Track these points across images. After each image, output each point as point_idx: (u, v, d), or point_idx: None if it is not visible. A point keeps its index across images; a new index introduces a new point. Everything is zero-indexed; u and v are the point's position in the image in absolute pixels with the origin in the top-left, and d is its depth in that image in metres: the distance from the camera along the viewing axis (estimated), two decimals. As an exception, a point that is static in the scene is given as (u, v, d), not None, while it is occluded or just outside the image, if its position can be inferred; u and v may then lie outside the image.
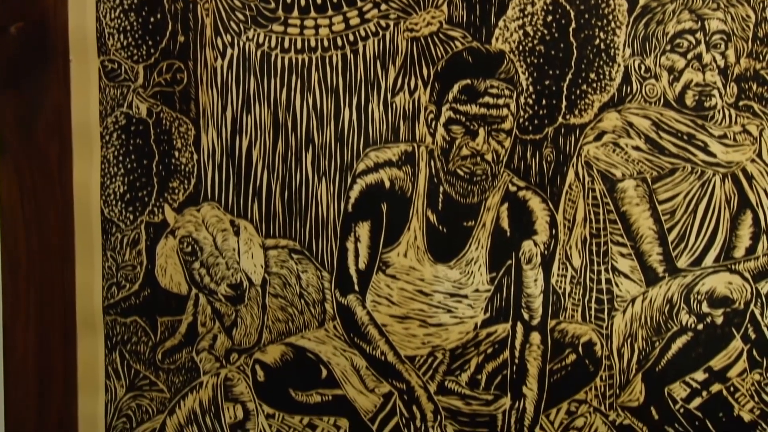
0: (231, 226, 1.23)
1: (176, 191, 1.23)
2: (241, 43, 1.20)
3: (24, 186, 1.23)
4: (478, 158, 1.14)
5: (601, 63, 1.12)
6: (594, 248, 1.15)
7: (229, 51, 1.20)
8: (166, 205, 1.24)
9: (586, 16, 1.11)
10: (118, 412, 1.28)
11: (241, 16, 1.19)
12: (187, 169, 1.22)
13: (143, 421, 1.27)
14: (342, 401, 1.22)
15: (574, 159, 1.15)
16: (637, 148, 1.13)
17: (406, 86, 1.17)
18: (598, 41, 1.12)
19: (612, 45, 1.12)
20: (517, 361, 1.18)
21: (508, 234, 1.17)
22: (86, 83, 1.23)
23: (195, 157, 1.23)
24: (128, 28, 1.21)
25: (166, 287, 1.25)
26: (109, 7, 1.22)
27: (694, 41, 1.09)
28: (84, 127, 1.24)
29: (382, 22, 1.16)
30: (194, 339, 1.25)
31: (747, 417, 1.13)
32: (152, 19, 1.21)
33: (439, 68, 1.15)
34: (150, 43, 1.21)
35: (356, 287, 1.20)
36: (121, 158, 1.25)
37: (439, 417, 1.19)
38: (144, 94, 1.22)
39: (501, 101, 1.13)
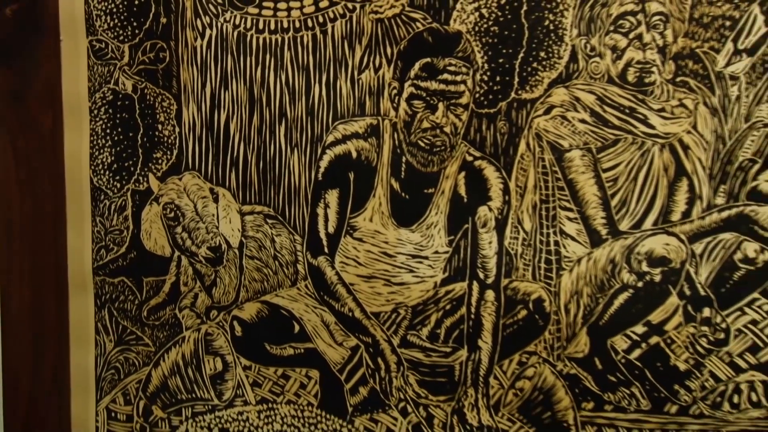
0: (210, 193, 1.23)
1: (160, 161, 1.24)
2: (219, 24, 1.20)
3: (18, 155, 1.23)
4: (438, 131, 1.15)
5: (551, 43, 1.12)
6: (543, 213, 1.16)
7: (207, 31, 1.20)
8: (150, 174, 1.24)
9: None
10: (107, 364, 1.29)
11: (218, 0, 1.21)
12: (169, 141, 1.23)
13: (130, 373, 1.27)
14: (313, 354, 1.22)
15: (526, 131, 1.15)
16: (583, 121, 1.13)
17: (371, 64, 1.17)
18: (547, 22, 1.12)
19: (560, 26, 1.12)
20: (473, 316, 1.18)
21: (465, 200, 1.18)
22: (76, 61, 1.23)
23: (177, 129, 1.23)
24: (114, 10, 1.22)
25: (151, 250, 1.25)
26: None
27: (635, 22, 1.10)
28: (74, 101, 1.24)
29: (349, 5, 1.16)
30: (177, 297, 1.26)
31: (682, 366, 1.13)
32: (136, 2, 1.22)
33: (401, 47, 1.16)
34: (135, 24, 1.22)
35: (326, 250, 1.21)
36: (108, 131, 1.25)
37: (401, 368, 1.20)
38: (129, 72, 1.23)
39: (458, 78, 1.14)
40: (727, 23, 1.08)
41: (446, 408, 1.20)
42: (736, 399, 1.12)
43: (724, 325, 1.12)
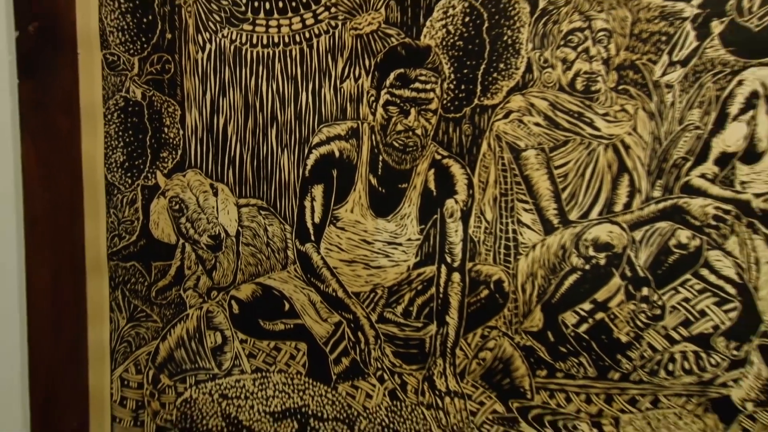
0: (210, 188, 1.25)
1: (166, 160, 1.26)
2: (218, 39, 1.21)
3: (40, 155, 1.25)
4: (410, 133, 1.17)
5: (509, 55, 1.14)
6: (503, 205, 1.17)
7: (207, 46, 1.22)
8: (158, 172, 1.26)
9: (497, 17, 1.12)
10: (120, 338, 1.30)
11: (217, 17, 1.21)
12: (174, 142, 1.25)
13: (141, 346, 1.29)
14: (301, 329, 1.24)
15: (487, 133, 1.16)
16: (537, 124, 1.15)
17: (351, 74, 1.18)
18: (506, 37, 1.13)
19: (517, 41, 1.13)
20: (441, 296, 1.19)
21: (434, 194, 1.19)
22: (91, 72, 1.24)
23: (181, 132, 1.25)
24: (125, 26, 1.23)
25: (159, 238, 1.27)
26: (110, 10, 1.25)
27: (582, 37, 1.11)
28: (90, 108, 1.26)
29: (332, 22, 1.17)
30: (181, 280, 1.28)
31: (624, 338, 1.15)
32: (145, 20, 1.23)
33: (378, 60, 1.17)
34: (143, 39, 1.23)
35: (312, 237, 1.22)
36: (120, 133, 1.26)
37: (379, 341, 1.22)
38: (139, 81, 1.24)
39: (428, 86, 1.15)
40: (663, 38, 1.09)
41: (418, 376, 1.21)
42: (670, 367, 1.14)
43: (660, 303, 1.14)
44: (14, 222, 1.24)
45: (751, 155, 1.10)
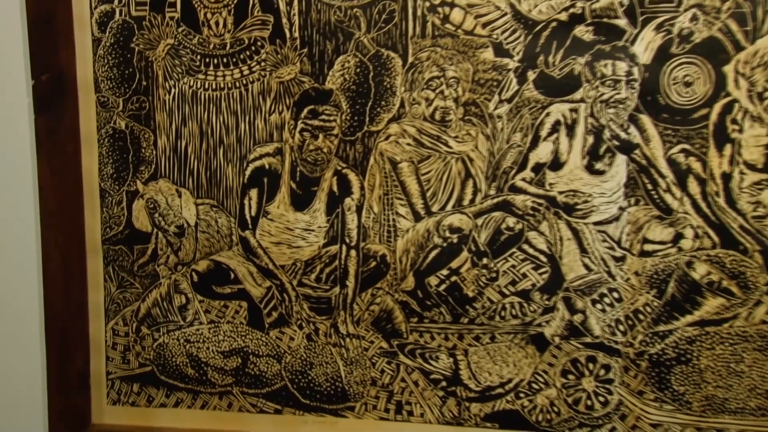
0: (176, 192, 1.29)
1: (143, 172, 1.30)
2: (180, 85, 1.25)
3: (53, 169, 1.27)
4: (319, 151, 1.22)
5: (388, 95, 1.20)
6: (385, 201, 1.23)
7: (173, 90, 1.26)
8: (137, 181, 1.30)
9: (379, 68, 1.19)
10: (112, 300, 1.34)
11: (179, 70, 1.25)
12: (149, 159, 1.29)
13: (127, 306, 1.34)
14: (243, 292, 1.29)
15: (374, 150, 1.22)
16: (408, 144, 1.21)
17: (276, 110, 1.23)
18: (386, 82, 1.19)
19: (394, 85, 1.20)
20: (342, 266, 1.25)
21: (337, 194, 1.24)
22: (88, 109, 1.29)
23: (154, 152, 1.29)
24: (113, 76, 1.28)
25: (139, 228, 1.32)
26: (101, 64, 1.27)
27: (439, 83, 1.18)
28: (88, 135, 1.30)
29: (263, 72, 1.23)
30: (156, 258, 1.31)
31: (471, 294, 1.22)
32: (127, 72, 1.27)
33: (295, 99, 1.22)
34: (126, 85, 1.27)
35: (250, 226, 1.27)
36: (110, 153, 1.30)
37: (298, 299, 1.28)
38: (123, 115, 1.28)
39: (331, 118, 1.21)
40: (495, 83, 1.16)
41: (327, 323, 1.28)
42: (503, 313, 1.22)
43: (495, 269, 1.21)
44: (33, 216, 1.26)
45: (555, 165, 1.18)
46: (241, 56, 1.22)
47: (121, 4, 1.23)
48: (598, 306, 1.18)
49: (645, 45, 1.11)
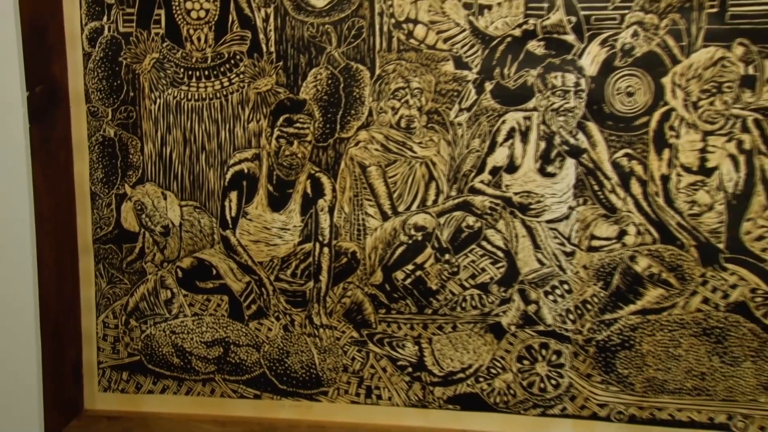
0: (162, 194, 1.30)
1: (131, 177, 1.32)
2: (165, 95, 1.27)
3: (47, 175, 1.27)
4: (294, 156, 1.24)
5: (357, 105, 1.22)
6: (355, 202, 1.25)
7: (158, 100, 1.27)
8: (126, 184, 1.31)
9: (349, 80, 1.20)
10: (102, 295, 1.36)
11: (164, 81, 1.27)
12: (137, 164, 1.31)
13: (116, 300, 1.36)
14: (224, 286, 1.31)
15: (345, 155, 1.24)
16: (376, 149, 1.23)
17: (254, 118, 1.25)
18: (356, 93, 1.21)
19: (362, 95, 1.22)
20: (316, 262, 1.26)
21: (311, 196, 1.25)
22: (79, 118, 1.30)
23: (141, 158, 1.30)
24: (102, 88, 1.29)
25: (127, 228, 1.33)
26: (92, 77, 1.29)
27: (404, 93, 1.20)
28: (79, 142, 1.31)
29: (242, 84, 1.25)
30: (143, 255, 1.33)
31: (434, 287, 1.25)
32: (115, 83, 1.28)
33: (272, 108, 1.23)
34: (114, 96, 1.29)
35: (230, 226, 1.29)
36: (100, 159, 1.31)
37: (275, 293, 1.30)
38: (112, 124, 1.30)
39: (305, 126, 1.22)
40: (455, 93, 1.18)
41: (302, 315, 1.30)
42: (464, 304, 1.24)
43: (456, 263, 1.24)
44: (28, 218, 1.26)
45: (511, 168, 1.20)
46: (222, 69, 1.24)
47: (109, 21, 1.25)
48: (550, 297, 1.22)
49: (591, 58, 1.14)
